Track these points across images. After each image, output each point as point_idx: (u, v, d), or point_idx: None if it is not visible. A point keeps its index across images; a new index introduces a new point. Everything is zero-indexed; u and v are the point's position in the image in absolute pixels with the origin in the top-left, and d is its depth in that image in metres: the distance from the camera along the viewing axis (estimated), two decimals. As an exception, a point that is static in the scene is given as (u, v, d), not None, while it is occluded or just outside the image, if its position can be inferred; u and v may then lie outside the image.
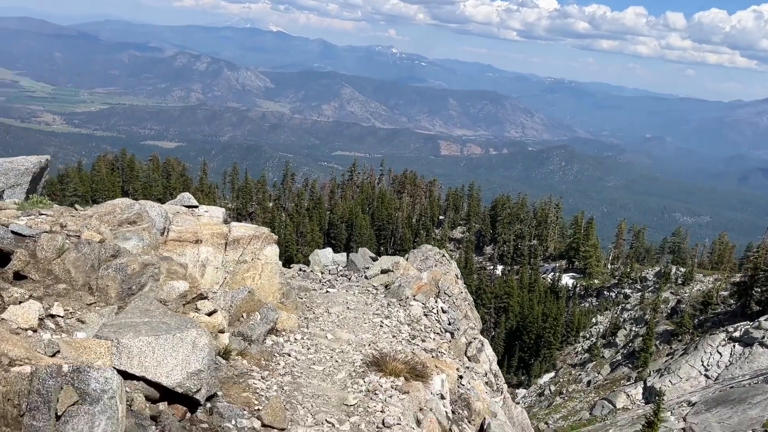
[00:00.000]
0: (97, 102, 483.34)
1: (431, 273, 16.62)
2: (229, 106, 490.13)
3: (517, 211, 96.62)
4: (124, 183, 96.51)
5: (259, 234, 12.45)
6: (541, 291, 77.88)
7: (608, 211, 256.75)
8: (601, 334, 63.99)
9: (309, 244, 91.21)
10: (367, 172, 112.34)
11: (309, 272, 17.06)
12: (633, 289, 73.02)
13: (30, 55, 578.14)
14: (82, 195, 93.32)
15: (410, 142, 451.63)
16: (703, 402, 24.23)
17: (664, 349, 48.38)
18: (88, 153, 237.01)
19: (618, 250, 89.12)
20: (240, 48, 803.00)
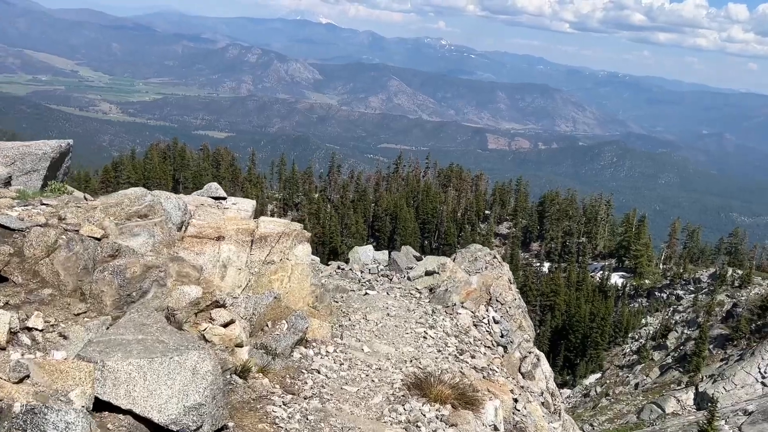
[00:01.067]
0: (151, 92, 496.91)
1: (481, 277, 15.18)
2: (278, 98, 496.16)
3: (566, 207, 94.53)
4: (175, 171, 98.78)
5: (289, 231, 11.04)
6: (589, 290, 76.06)
7: (661, 210, 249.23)
8: (651, 336, 62.10)
9: (353, 236, 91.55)
10: (413, 165, 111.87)
11: (348, 271, 16.06)
12: (686, 291, 70.57)
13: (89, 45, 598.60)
14: (134, 182, 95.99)
15: (457, 136, 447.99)
16: (761, 411, 23.07)
17: (717, 354, 46.51)
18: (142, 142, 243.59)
19: (671, 250, 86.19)
20: (290, 40, 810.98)
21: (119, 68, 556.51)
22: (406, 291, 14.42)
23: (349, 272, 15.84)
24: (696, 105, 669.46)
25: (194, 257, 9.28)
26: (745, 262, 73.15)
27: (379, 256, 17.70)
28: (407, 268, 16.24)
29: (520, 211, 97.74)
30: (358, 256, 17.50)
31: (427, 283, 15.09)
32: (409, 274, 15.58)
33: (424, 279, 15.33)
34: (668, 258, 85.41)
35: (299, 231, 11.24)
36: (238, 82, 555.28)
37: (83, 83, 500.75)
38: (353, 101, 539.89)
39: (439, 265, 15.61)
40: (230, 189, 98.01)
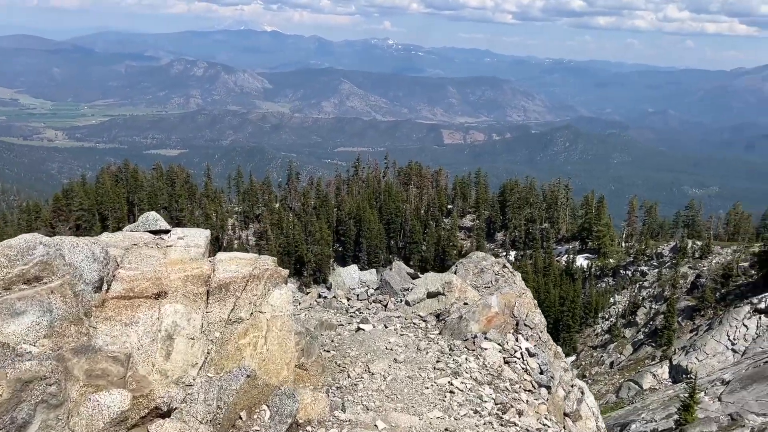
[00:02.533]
0: (97, 115, 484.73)
1: (501, 297, 12.06)
2: (229, 110, 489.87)
3: (526, 195, 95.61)
4: (129, 194, 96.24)
5: (259, 271, 8.01)
6: (556, 274, 76.98)
7: (616, 189, 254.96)
8: (621, 314, 63.11)
9: (318, 242, 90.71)
10: (372, 167, 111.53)
11: (332, 299, 13.40)
12: (649, 266, 72.03)
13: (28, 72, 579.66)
14: (88, 209, 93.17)
15: (412, 133, 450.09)
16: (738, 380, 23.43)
17: (687, 325, 47.50)
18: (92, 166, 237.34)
19: (631, 228, 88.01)
20: (235, 50, 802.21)
21: (62, 93, 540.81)
22: (408, 321, 11.94)
23: (333, 300, 13.34)
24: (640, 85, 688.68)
25: (121, 332, 6.30)
26: (703, 233, 75.13)
27: (366, 277, 15.37)
28: (403, 289, 13.83)
29: (482, 203, 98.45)
30: (341, 280, 15.01)
31: (432, 308, 12.69)
32: (407, 297, 13.10)
33: (427, 303, 12.88)
34: (629, 236, 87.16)
35: (273, 270, 8.28)
36: (186, 97, 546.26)
37: (24, 111, 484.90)
38: (306, 107, 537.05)
39: (444, 284, 13.07)
40: (188, 206, 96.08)
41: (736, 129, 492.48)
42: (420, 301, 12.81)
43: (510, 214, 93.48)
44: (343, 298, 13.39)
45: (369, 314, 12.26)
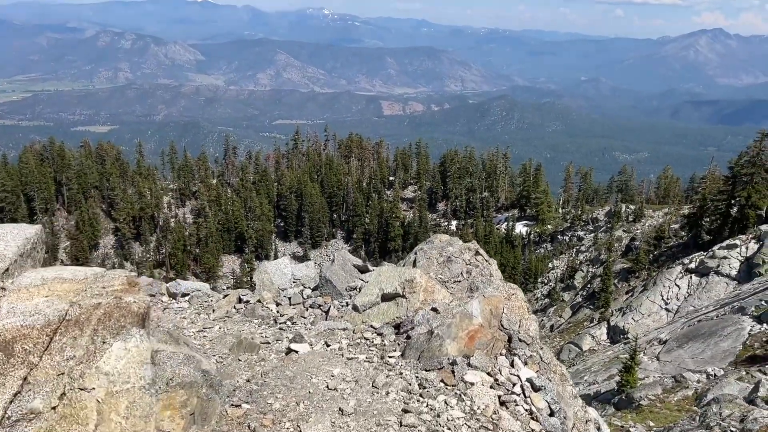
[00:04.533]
0: (18, 90, 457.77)
1: (485, 301, 8.51)
2: (161, 83, 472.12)
3: (466, 164, 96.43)
4: (56, 173, 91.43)
5: (82, 310, 4.61)
6: (496, 242, 78.28)
7: (551, 157, 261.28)
8: (559, 279, 64.81)
9: (259, 218, 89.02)
10: (312, 139, 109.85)
11: (255, 305, 10.53)
12: (586, 231, 74.14)
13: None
14: (11, 190, 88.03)
15: (352, 105, 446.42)
16: (674, 339, 24.27)
17: (623, 287, 49.12)
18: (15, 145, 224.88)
19: (567, 194, 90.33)
20: (165, 21, 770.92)
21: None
22: (358, 335, 8.96)
23: (258, 306, 10.44)
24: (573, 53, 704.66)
25: None
26: (636, 197, 77.78)
27: (301, 272, 12.16)
28: (349, 288, 10.92)
29: (423, 174, 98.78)
30: (268, 278, 11.69)
31: (389, 315, 9.61)
32: (355, 300, 10.00)
33: (382, 308, 9.76)
34: (566, 202, 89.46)
35: (113, 304, 4.81)
36: (114, 70, 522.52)
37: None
38: (241, 79, 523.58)
39: (404, 282, 9.80)
40: (120, 185, 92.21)
41: (663, 96, 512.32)
42: (373, 306, 9.75)
43: (451, 184, 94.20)
44: (270, 303, 10.63)
45: (304, 326, 9.65)
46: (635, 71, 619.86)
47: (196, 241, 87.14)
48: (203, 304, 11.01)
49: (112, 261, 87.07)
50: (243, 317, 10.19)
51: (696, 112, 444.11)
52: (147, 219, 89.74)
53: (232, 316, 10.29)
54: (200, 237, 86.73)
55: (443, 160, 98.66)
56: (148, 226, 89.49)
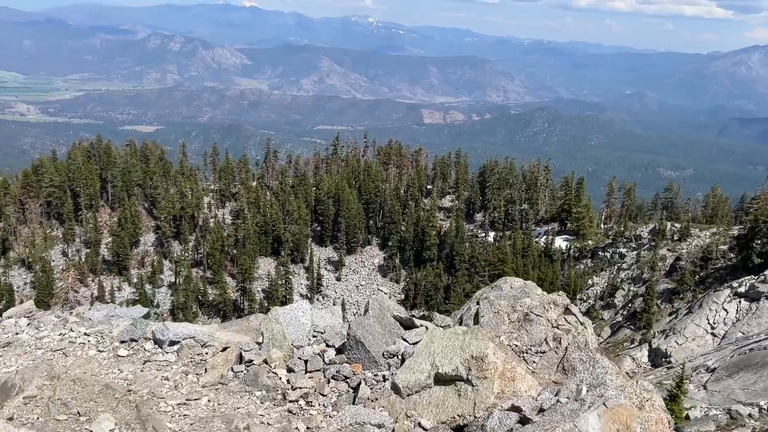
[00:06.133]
0: (71, 89, 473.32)
1: (607, 414, 5.50)
2: (207, 86, 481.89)
3: (506, 175, 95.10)
4: (102, 170, 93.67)
5: None
6: (535, 255, 76.81)
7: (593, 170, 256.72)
8: (599, 296, 63.15)
9: (296, 222, 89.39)
10: (351, 145, 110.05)
11: (260, 366, 8.34)
12: (628, 248, 72.14)
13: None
14: (59, 185, 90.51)
15: (392, 113, 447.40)
16: (723, 367, 23.04)
17: (666, 308, 47.44)
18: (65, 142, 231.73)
19: (610, 210, 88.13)
20: (214, 26, 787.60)
21: (34, 66, 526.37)
22: None
23: (263, 371, 8.20)
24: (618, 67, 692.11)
25: None
26: (682, 216, 75.34)
27: (324, 322, 9.45)
28: (387, 354, 8.16)
29: (462, 183, 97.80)
30: (279, 330, 9.04)
31: (447, 410, 6.79)
32: (396, 377, 7.39)
33: (435, 395, 6.98)
34: (608, 217, 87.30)
35: None
36: (162, 72, 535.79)
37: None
38: (285, 84, 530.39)
39: (468, 359, 6.89)
40: (162, 184, 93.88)
41: (711, 112, 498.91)
42: (422, 389, 7.03)
43: (489, 194, 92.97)
44: (280, 367, 8.28)
45: (323, 409, 7.36)
46: (683, 86, 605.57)
47: (233, 242, 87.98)
48: (194, 357, 9.09)
49: (152, 258, 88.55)
50: (242, 385, 8.09)
51: (745, 130, 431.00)
52: (187, 218, 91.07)
53: (228, 382, 8.23)
54: (238, 238, 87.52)
55: (483, 170, 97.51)
56: (188, 226, 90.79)
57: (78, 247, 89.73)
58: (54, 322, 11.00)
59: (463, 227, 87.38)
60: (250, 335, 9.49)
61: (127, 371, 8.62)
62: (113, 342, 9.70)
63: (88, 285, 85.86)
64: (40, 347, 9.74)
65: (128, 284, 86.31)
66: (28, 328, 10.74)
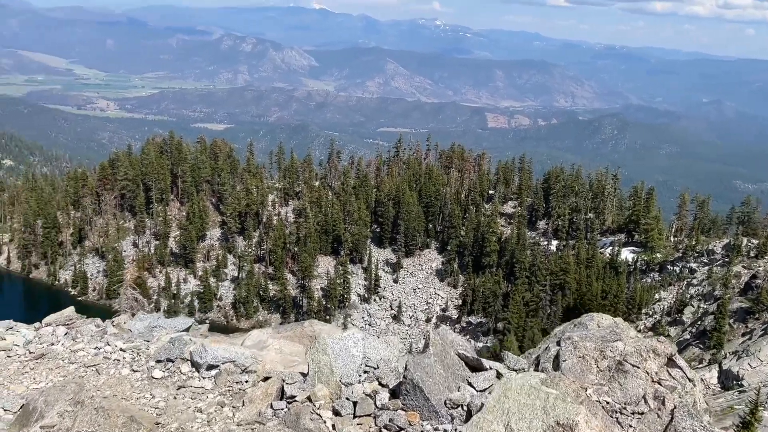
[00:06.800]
0: (147, 87, 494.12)
1: None
2: (275, 87, 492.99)
3: (571, 183, 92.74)
4: (173, 165, 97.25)
5: None
6: (599, 266, 74.52)
7: (664, 181, 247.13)
8: (666, 312, 60.65)
9: (356, 222, 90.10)
10: (414, 148, 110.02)
11: (303, 405, 7.38)
12: (699, 263, 68.96)
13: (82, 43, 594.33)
14: (132, 179, 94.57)
15: (456, 116, 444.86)
16: (802, 395, 21.60)
17: (738, 328, 45.06)
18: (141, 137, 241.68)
19: (681, 222, 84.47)
20: (284, 27, 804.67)
21: (114, 64, 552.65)
22: None
23: (305, 411, 7.24)
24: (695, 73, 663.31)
25: None
26: (759, 231, 71.39)
27: (378, 354, 8.34)
28: (451, 404, 6.88)
29: (525, 190, 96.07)
30: (327, 362, 7.92)
31: None
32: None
33: None
34: (679, 230, 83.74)
35: None
36: (234, 72, 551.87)
37: (79, 81, 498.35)
38: (350, 86, 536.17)
39: (552, 425, 5.71)
40: (229, 181, 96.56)
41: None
42: None
43: (554, 202, 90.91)
44: (325, 408, 7.29)
45: None
46: (764, 95, 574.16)
47: (295, 239, 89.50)
48: (233, 386, 8.47)
49: (217, 252, 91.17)
50: (281, 426, 7.12)
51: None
52: (252, 215, 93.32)
53: (266, 421, 7.26)
54: (299, 236, 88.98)
55: (547, 177, 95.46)
56: (252, 222, 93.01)
57: (148, 239, 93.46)
58: (92, 333, 10.73)
59: (525, 234, 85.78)
60: (304, 343, 9.03)
61: (159, 397, 8.22)
62: (149, 361, 9.32)
63: (156, 276, 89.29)
64: (74, 361, 9.47)
65: (194, 277, 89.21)
66: (65, 338, 10.46)
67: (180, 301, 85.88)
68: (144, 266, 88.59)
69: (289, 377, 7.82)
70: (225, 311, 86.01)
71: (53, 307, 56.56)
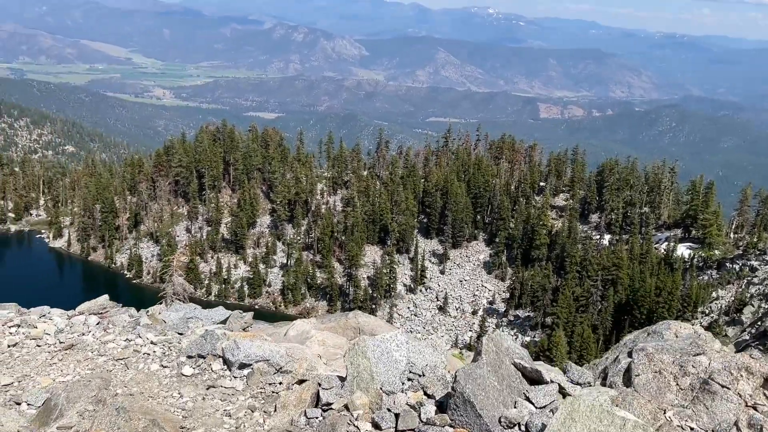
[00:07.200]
0: (202, 76, 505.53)
1: None
2: (326, 76, 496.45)
3: (626, 176, 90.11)
4: (226, 153, 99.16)
5: None
6: (653, 262, 72.30)
7: (724, 175, 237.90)
8: (724, 311, 58.42)
9: (403, 212, 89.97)
10: (463, 138, 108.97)
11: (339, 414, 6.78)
12: (761, 261, 66.08)
13: (141, 33, 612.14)
14: (186, 166, 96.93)
15: (507, 106, 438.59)
16: None
17: (802, 330, 43.02)
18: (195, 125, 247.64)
19: (742, 218, 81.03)
20: (335, 17, 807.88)
21: (171, 54, 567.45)
22: None
23: (342, 421, 6.63)
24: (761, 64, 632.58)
25: None
26: (828, 230, 67.87)
27: (424, 359, 7.69)
28: (506, 423, 6.08)
29: (578, 182, 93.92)
30: (366, 366, 7.18)
31: None
32: None
33: None
34: (739, 227, 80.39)
35: None
36: (285, 62, 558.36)
37: (137, 70, 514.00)
38: (400, 76, 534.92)
39: None
40: (280, 169, 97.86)
41: None
42: None
43: (607, 195, 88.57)
44: (363, 419, 6.63)
45: None
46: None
47: (342, 228, 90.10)
48: (265, 388, 8.04)
49: (267, 239, 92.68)
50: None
51: None
52: (301, 203, 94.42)
53: (299, 430, 6.77)
54: (347, 225, 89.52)
55: (601, 169, 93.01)
56: (301, 210, 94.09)
57: (200, 225, 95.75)
58: (124, 323, 10.41)
59: (577, 228, 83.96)
60: (347, 335, 8.71)
61: (187, 397, 7.88)
62: (180, 356, 8.98)
63: (208, 261, 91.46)
64: (103, 353, 9.19)
65: (244, 262, 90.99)
66: (96, 328, 10.20)
67: (230, 286, 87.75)
68: (196, 251, 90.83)
69: (326, 381, 7.18)
70: (273, 297, 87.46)
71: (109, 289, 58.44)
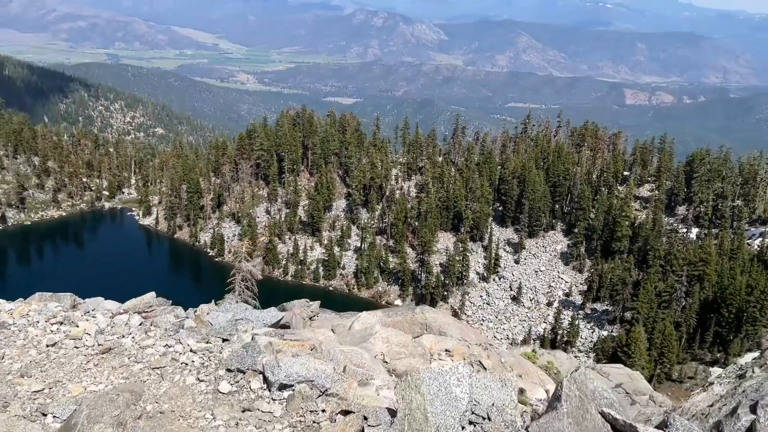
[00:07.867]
0: (284, 61, 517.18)
1: None
2: (404, 61, 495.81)
3: (718, 167, 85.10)
4: (305, 138, 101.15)
5: None
6: (745, 259, 68.10)
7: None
8: (823, 314, 54.37)
9: (478, 200, 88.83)
10: (543, 124, 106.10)
11: None
12: None
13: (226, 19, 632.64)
14: (267, 149, 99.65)
15: (591, 91, 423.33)
16: None
17: None
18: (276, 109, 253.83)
19: None
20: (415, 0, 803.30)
21: (255, 39, 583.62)
22: None
23: None
24: None
25: None
26: None
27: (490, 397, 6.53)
28: None
29: (664, 172, 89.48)
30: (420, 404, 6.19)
31: None
32: None
33: None
34: None
35: None
36: (364, 47, 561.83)
37: (223, 56, 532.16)
38: (479, 60, 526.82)
39: None
40: (356, 154, 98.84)
41: None
42: None
43: (696, 187, 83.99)
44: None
45: None
46: None
47: (416, 214, 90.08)
48: (306, 416, 7.29)
49: (342, 223, 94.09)
50: None
51: None
52: (376, 188, 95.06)
53: None
54: (420, 211, 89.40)
55: (691, 159, 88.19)
56: (376, 195, 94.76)
57: (279, 207, 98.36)
58: (167, 326, 9.85)
59: (662, 220, 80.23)
60: (413, 330, 8.06)
61: (220, 420, 7.33)
62: (219, 368, 8.41)
63: (286, 242, 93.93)
64: (140, 360, 8.68)
65: (319, 245, 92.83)
66: (137, 330, 9.62)
67: (306, 267, 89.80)
68: (275, 232, 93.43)
69: (373, 416, 6.25)
70: (347, 280, 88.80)
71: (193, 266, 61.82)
